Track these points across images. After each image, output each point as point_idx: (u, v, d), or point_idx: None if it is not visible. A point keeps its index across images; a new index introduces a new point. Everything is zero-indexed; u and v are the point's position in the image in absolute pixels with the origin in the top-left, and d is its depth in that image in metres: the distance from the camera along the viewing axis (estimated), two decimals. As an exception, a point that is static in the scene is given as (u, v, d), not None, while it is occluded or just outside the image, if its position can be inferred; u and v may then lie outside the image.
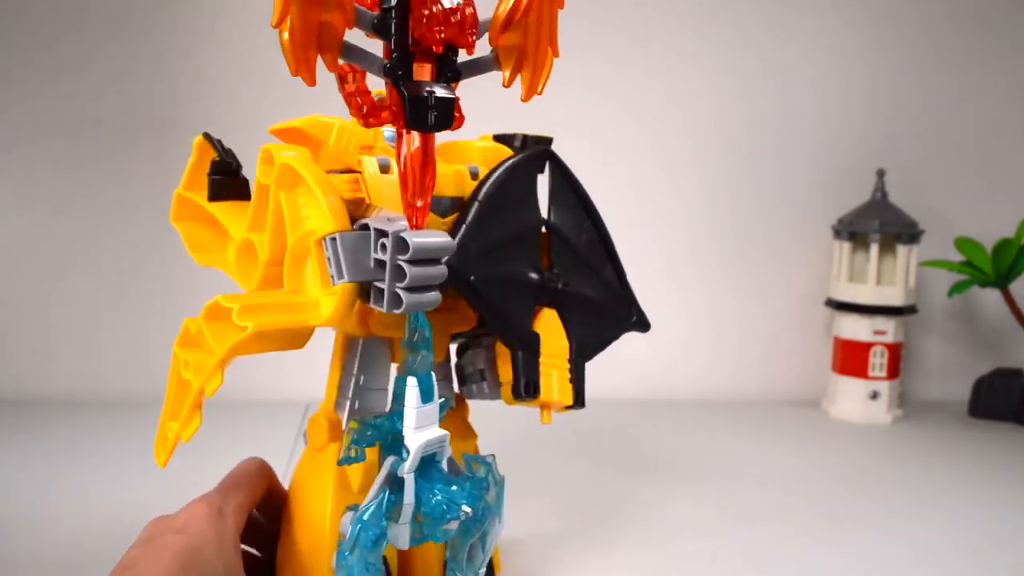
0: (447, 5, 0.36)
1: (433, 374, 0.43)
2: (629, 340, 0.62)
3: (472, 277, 0.49)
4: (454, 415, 0.57)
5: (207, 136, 0.50)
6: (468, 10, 0.36)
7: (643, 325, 0.61)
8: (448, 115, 0.38)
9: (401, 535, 0.41)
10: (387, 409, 0.49)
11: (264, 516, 0.52)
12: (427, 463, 0.43)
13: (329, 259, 0.43)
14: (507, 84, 0.40)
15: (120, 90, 1.09)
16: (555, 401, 0.54)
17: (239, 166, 0.52)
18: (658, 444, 0.98)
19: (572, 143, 1.16)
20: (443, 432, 0.43)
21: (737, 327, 1.22)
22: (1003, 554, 0.71)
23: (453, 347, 0.58)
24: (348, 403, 0.48)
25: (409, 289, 0.41)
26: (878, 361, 1.11)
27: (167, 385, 0.47)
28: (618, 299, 0.59)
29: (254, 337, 0.42)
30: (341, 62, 0.37)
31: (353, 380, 0.49)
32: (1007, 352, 1.27)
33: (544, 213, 0.55)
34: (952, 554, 0.70)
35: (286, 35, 0.34)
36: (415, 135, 0.38)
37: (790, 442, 1.01)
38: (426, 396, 0.42)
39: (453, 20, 0.36)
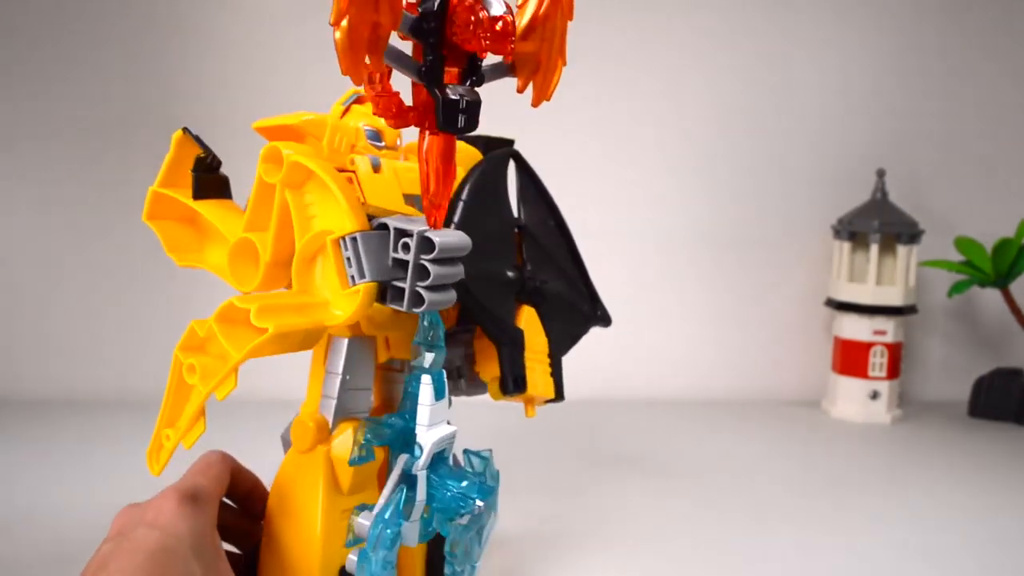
0: (493, 13, 0.37)
1: (444, 372, 0.44)
2: (630, 340, 0.61)
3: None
4: None
5: (187, 131, 0.48)
6: (510, 18, 0.38)
7: (606, 320, 0.62)
8: (476, 118, 0.39)
9: (411, 533, 0.42)
10: (370, 407, 0.49)
11: (239, 508, 0.51)
12: (436, 459, 0.43)
13: (349, 259, 0.42)
14: (520, 90, 0.41)
15: (120, 91, 1.09)
16: (538, 395, 0.55)
17: (219, 163, 0.51)
18: (658, 444, 0.98)
19: (572, 144, 1.17)
20: (453, 428, 0.43)
21: (737, 327, 1.22)
22: (1003, 554, 0.71)
23: None
24: (334, 403, 0.48)
25: (430, 288, 0.41)
26: (878, 361, 1.11)
27: (166, 390, 0.46)
28: (582, 295, 0.61)
29: (274, 339, 0.41)
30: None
31: (339, 380, 0.49)
32: (1007, 352, 1.27)
33: (515, 213, 0.57)
34: (952, 554, 0.70)
35: (339, 34, 0.35)
36: (434, 138, 0.39)
37: (790, 442, 1.01)
38: (439, 393, 0.43)
39: (497, 28, 0.37)
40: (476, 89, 0.40)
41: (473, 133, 0.57)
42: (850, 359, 1.13)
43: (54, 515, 0.72)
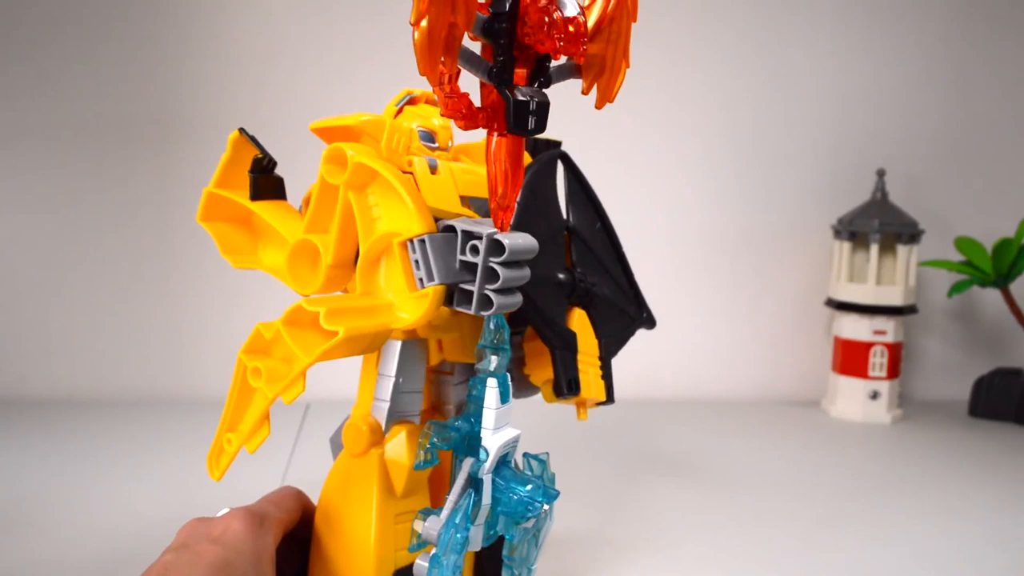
0: (567, 14, 0.37)
1: (508, 375, 0.43)
2: (629, 340, 0.61)
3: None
4: None
5: (243, 132, 0.48)
6: (582, 19, 0.37)
7: (651, 322, 0.63)
8: (545, 120, 0.39)
9: (476, 536, 0.41)
10: (420, 409, 0.49)
11: (299, 537, 0.51)
12: (500, 463, 0.43)
13: (417, 262, 0.42)
14: (585, 92, 0.40)
15: (119, 90, 1.09)
16: (590, 398, 0.55)
17: (275, 163, 0.51)
18: (658, 444, 0.98)
19: (572, 143, 1.16)
20: (517, 432, 0.43)
21: (737, 327, 1.22)
22: (1003, 554, 0.71)
23: None
24: (387, 406, 0.47)
25: (499, 291, 0.41)
26: (878, 361, 1.11)
27: (228, 395, 0.45)
28: (628, 298, 0.61)
29: (344, 342, 0.41)
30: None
31: (392, 383, 0.49)
32: (1007, 352, 1.27)
33: (564, 215, 0.57)
34: (952, 554, 0.70)
35: (418, 35, 0.34)
36: (503, 139, 0.39)
37: (790, 442, 1.01)
38: (504, 397, 0.42)
39: (571, 29, 0.37)
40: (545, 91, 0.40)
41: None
42: (850, 359, 1.13)
43: (53, 514, 0.72)
